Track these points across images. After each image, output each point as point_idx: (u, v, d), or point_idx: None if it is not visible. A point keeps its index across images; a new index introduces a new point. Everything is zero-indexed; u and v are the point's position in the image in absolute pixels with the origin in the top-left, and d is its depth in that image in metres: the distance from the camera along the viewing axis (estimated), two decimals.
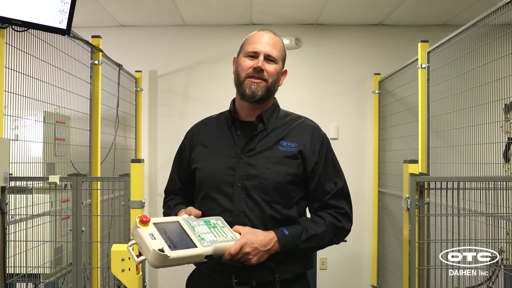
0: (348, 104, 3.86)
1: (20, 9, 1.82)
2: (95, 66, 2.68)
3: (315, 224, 1.40)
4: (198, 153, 1.50)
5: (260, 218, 1.38)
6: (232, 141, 1.46)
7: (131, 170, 2.04)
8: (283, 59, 1.49)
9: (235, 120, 1.49)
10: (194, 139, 1.54)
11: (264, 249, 1.30)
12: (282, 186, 1.39)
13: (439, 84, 2.62)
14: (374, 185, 3.77)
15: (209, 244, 1.22)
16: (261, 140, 1.44)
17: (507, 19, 1.91)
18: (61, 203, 2.23)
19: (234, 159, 1.42)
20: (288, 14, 3.62)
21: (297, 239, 1.35)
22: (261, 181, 1.39)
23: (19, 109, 2.05)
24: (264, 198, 1.38)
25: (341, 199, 1.45)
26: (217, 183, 1.42)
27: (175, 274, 3.85)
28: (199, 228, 1.28)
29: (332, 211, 1.43)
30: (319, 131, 1.49)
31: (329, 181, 1.44)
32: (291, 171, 1.40)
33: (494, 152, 2.03)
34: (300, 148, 1.42)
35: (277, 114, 1.50)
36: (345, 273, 3.82)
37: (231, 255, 1.25)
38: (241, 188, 1.39)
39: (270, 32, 1.48)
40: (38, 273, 2.13)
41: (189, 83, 3.88)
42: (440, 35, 2.58)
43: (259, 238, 1.30)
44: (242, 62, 1.46)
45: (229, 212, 1.39)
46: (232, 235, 1.30)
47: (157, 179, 3.83)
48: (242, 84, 1.44)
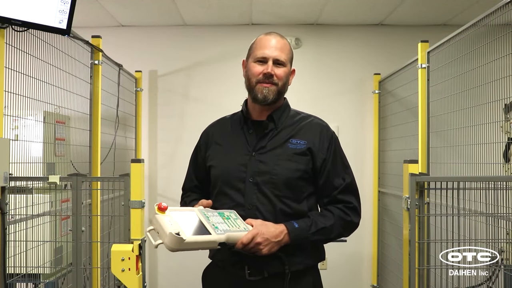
0: (348, 104, 3.86)
1: (20, 9, 1.82)
2: (95, 66, 2.68)
3: (324, 217, 1.47)
4: (212, 151, 1.58)
5: (271, 212, 1.45)
6: (245, 139, 1.53)
7: (131, 170, 2.04)
8: (291, 60, 1.55)
9: (247, 120, 1.56)
10: (209, 138, 1.62)
11: (274, 240, 1.36)
12: (292, 182, 1.46)
13: (439, 84, 2.62)
14: (374, 185, 3.77)
15: (222, 232, 1.30)
16: (272, 138, 1.51)
17: (507, 19, 1.91)
18: (61, 203, 2.23)
19: (246, 156, 1.50)
20: (288, 14, 3.61)
21: (307, 231, 1.42)
22: (272, 176, 1.46)
23: (19, 109, 2.05)
24: (275, 193, 1.45)
25: (349, 194, 1.52)
26: (230, 179, 1.49)
27: (176, 274, 3.85)
28: (213, 219, 1.35)
29: (341, 205, 1.50)
30: (327, 129, 1.55)
31: (337, 177, 1.51)
32: (301, 167, 1.47)
33: (494, 152, 2.03)
34: (309, 145, 1.49)
35: (287, 113, 1.57)
36: (345, 273, 3.81)
37: (243, 244, 1.32)
38: (252, 183, 1.46)
39: (277, 36, 1.53)
40: (38, 273, 2.13)
41: (189, 83, 3.88)
42: (440, 35, 2.57)
43: (270, 229, 1.37)
44: (252, 67, 1.51)
45: (241, 207, 1.46)
46: (245, 226, 1.37)
47: (157, 179, 3.83)
48: (253, 89, 1.50)
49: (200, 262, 1.69)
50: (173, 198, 3.74)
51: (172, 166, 3.78)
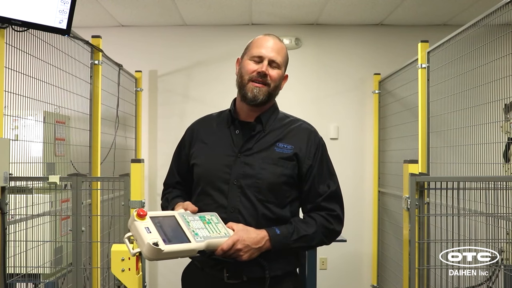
0: (348, 104, 3.86)
1: (20, 9, 1.82)
2: (95, 66, 2.68)
3: (306, 224, 1.44)
4: (197, 149, 1.54)
5: (253, 216, 1.42)
6: (231, 140, 1.50)
7: (131, 170, 2.04)
8: (285, 65, 1.54)
9: (234, 120, 1.53)
10: (194, 135, 1.58)
11: (255, 247, 1.34)
12: (276, 186, 1.43)
13: (439, 84, 2.62)
14: (374, 185, 3.77)
15: (202, 239, 1.27)
16: (258, 141, 1.48)
17: (507, 19, 1.91)
18: (61, 203, 2.23)
19: (231, 157, 1.46)
20: (288, 14, 3.62)
21: (288, 238, 1.40)
22: (256, 180, 1.43)
23: (19, 109, 2.05)
24: (258, 197, 1.43)
25: (333, 201, 1.49)
26: (214, 180, 1.46)
27: (176, 274, 3.83)
28: (193, 224, 1.32)
29: (324, 213, 1.47)
30: (315, 135, 1.52)
31: (322, 184, 1.48)
32: (286, 172, 1.44)
33: (494, 152, 2.03)
34: (295, 150, 1.46)
35: (275, 116, 1.54)
36: (345, 273, 3.82)
37: (223, 251, 1.29)
38: (236, 186, 1.43)
39: (276, 38, 1.52)
40: (38, 273, 2.13)
41: (189, 83, 3.88)
42: (440, 35, 2.58)
43: (251, 236, 1.34)
44: (246, 65, 1.49)
45: (223, 209, 1.43)
46: (226, 231, 1.34)
47: (157, 179, 3.83)
48: (244, 87, 1.48)
49: None
50: None
51: None
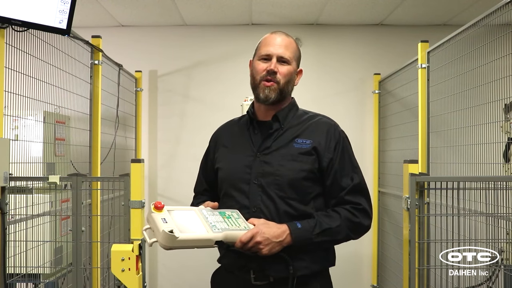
0: (348, 104, 3.86)
1: (20, 9, 1.82)
2: (95, 66, 2.68)
3: (330, 218, 1.42)
4: (220, 154, 1.58)
5: (275, 214, 1.42)
6: (250, 140, 1.52)
7: (131, 170, 2.04)
8: (297, 59, 1.55)
9: (253, 121, 1.55)
10: (217, 141, 1.62)
11: (276, 241, 1.33)
12: (296, 182, 1.43)
13: (439, 84, 2.62)
14: (374, 185, 3.77)
15: (220, 231, 1.27)
16: (276, 139, 1.49)
17: (507, 19, 1.91)
18: (61, 203, 2.23)
19: (250, 157, 1.48)
20: (288, 14, 3.61)
21: (310, 232, 1.38)
22: (276, 177, 1.43)
23: (19, 109, 2.05)
24: (279, 195, 1.43)
25: (358, 195, 1.47)
26: (235, 181, 1.48)
27: (176, 274, 3.86)
28: (212, 218, 1.33)
29: (348, 206, 1.45)
30: (335, 128, 1.54)
31: (345, 177, 1.48)
32: (305, 167, 1.44)
33: (494, 152, 2.03)
34: (314, 144, 1.46)
35: (294, 113, 1.56)
36: (345, 273, 3.81)
37: (242, 243, 1.29)
38: (257, 185, 1.45)
39: (283, 34, 1.53)
40: (38, 273, 2.13)
41: (189, 83, 3.87)
42: (440, 35, 2.57)
43: (271, 229, 1.34)
44: (256, 65, 1.51)
45: (246, 209, 1.44)
46: (246, 225, 1.35)
47: (157, 179, 3.83)
48: (257, 88, 1.50)
49: (200, 262, 1.70)
50: (173, 197, 3.74)
51: (172, 166, 3.78)
